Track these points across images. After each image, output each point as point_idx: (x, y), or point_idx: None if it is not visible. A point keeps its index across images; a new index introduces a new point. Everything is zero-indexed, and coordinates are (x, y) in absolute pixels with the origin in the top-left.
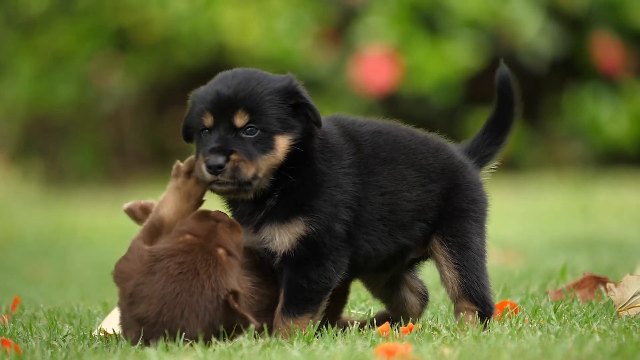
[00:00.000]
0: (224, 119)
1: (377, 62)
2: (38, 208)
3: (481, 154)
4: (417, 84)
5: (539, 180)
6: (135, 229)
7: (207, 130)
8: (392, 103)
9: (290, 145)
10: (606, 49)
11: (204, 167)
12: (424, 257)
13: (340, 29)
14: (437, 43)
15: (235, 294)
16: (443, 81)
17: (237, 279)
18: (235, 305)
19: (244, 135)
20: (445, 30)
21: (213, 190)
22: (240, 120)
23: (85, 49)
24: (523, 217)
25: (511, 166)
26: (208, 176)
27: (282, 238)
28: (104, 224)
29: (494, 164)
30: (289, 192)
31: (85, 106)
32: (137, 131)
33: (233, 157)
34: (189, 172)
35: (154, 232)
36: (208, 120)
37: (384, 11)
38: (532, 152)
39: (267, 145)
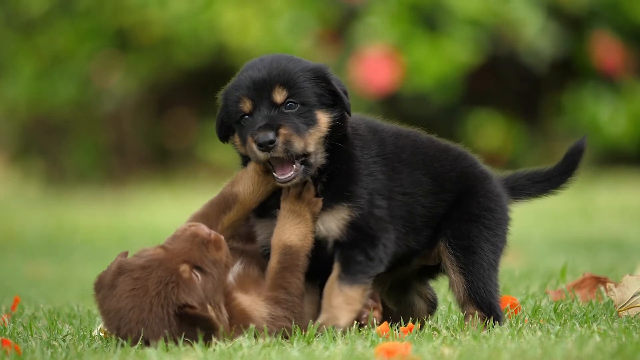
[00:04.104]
0: (263, 99)
1: (377, 61)
2: (38, 208)
3: (514, 183)
4: (417, 83)
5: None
6: (134, 231)
7: (247, 116)
8: (392, 102)
9: (330, 122)
10: (606, 49)
11: (255, 147)
12: (439, 267)
13: (341, 28)
14: (437, 42)
15: (189, 308)
16: (443, 80)
17: (205, 295)
18: (194, 312)
19: (286, 111)
20: (444, 29)
21: (282, 186)
22: (279, 96)
23: (85, 49)
24: (523, 217)
25: (511, 166)
26: (261, 155)
27: (329, 225)
28: (104, 224)
29: (525, 198)
30: (330, 179)
31: (85, 106)
32: (137, 131)
33: (282, 131)
34: None
35: (224, 206)
36: (247, 105)
37: (384, 11)
38: (532, 152)
39: (310, 119)
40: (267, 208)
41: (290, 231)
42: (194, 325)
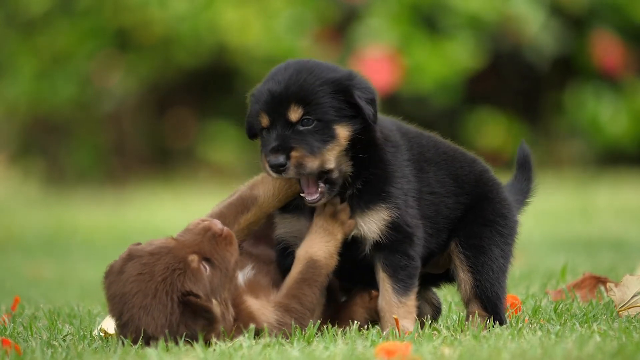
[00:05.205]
0: (279, 116)
1: (378, 62)
2: (38, 208)
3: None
4: (418, 84)
5: (539, 179)
6: (134, 230)
7: (266, 130)
8: (392, 103)
9: (351, 135)
10: (607, 48)
11: (267, 167)
12: (448, 277)
13: (341, 29)
14: (438, 43)
15: (194, 296)
16: (443, 81)
17: (211, 288)
18: (195, 300)
19: (301, 128)
20: (445, 30)
21: (311, 205)
22: (294, 114)
23: (85, 49)
24: (523, 217)
25: (511, 165)
26: (275, 176)
27: (369, 226)
28: (104, 224)
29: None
30: (365, 184)
31: (86, 106)
32: (137, 131)
33: (293, 154)
34: None
35: (242, 207)
36: (265, 120)
37: (385, 11)
38: (532, 151)
39: (327, 135)
40: (292, 205)
41: (319, 247)
42: (195, 315)
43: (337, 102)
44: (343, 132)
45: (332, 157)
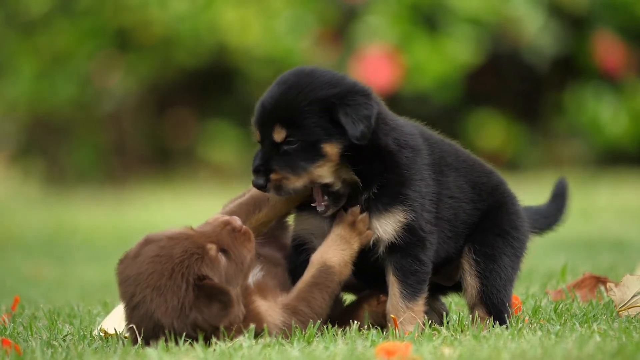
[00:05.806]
0: (266, 135)
1: (378, 61)
2: (38, 208)
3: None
4: (418, 82)
5: (539, 180)
6: (134, 230)
7: (259, 143)
8: (392, 102)
9: (341, 151)
10: (608, 48)
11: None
12: (456, 286)
13: (341, 28)
14: (438, 41)
15: (207, 279)
16: (443, 79)
17: (226, 279)
18: (213, 283)
19: (286, 148)
20: (445, 28)
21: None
22: (278, 135)
23: (85, 49)
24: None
25: (511, 166)
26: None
27: (385, 227)
28: (104, 224)
29: (536, 232)
30: (381, 186)
31: (86, 106)
32: (137, 131)
33: (272, 176)
34: None
35: (254, 207)
36: (257, 135)
37: (384, 10)
38: (532, 152)
39: (314, 154)
40: (306, 203)
41: (334, 253)
42: (210, 300)
43: (324, 121)
44: (332, 150)
45: (324, 173)
